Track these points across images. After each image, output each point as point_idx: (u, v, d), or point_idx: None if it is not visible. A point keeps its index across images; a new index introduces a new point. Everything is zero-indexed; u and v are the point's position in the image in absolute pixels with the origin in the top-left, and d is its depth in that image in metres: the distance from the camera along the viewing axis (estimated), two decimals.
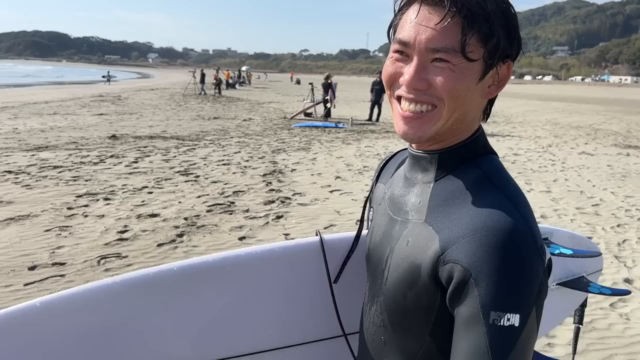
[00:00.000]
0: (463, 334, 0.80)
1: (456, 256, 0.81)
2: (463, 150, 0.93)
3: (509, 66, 0.90)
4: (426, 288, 0.87)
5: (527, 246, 0.80)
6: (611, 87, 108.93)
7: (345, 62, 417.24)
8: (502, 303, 0.77)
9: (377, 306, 1.02)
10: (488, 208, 0.83)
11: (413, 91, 0.86)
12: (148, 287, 1.12)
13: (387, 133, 14.77)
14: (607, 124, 20.63)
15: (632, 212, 6.76)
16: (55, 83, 45.14)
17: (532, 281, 0.79)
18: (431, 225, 0.89)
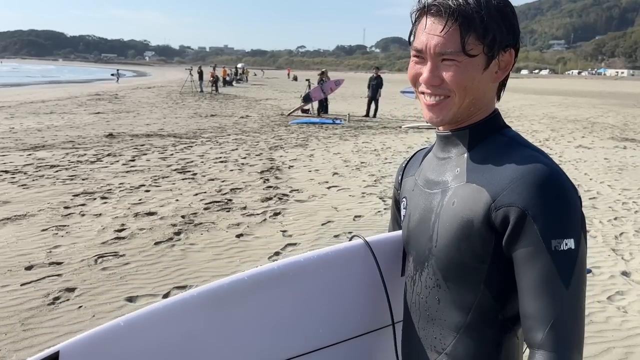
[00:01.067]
0: (529, 265, 0.94)
1: (509, 200, 0.96)
2: (489, 124, 1.09)
3: (510, 53, 1.05)
4: (480, 236, 1.00)
5: (566, 182, 0.96)
6: (608, 81, 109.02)
7: (342, 58, 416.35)
8: (559, 231, 0.92)
9: (428, 269, 1.12)
10: (526, 157, 0.99)
11: (431, 87, 1.04)
12: (223, 298, 1.18)
13: (384, 129, 14.77)
14: (604, 117, 20.65)
15: (629, 205, 6.77)
16: (52, 82, 45.02)
17: (577, 209, 0.95)
18: (474, 182, 1.03)
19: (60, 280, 4.09)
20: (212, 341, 1.17)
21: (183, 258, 4.62)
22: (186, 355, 1.14)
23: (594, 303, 3.92)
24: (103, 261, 4.49)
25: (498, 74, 1.06)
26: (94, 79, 55.11)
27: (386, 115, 18.77)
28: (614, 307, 3.90)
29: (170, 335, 1.12)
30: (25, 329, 3.37)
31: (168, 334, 1.12)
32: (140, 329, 1.08)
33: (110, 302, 3.76)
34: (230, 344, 1.20)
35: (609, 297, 4.06)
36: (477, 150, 1.08)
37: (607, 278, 4.42)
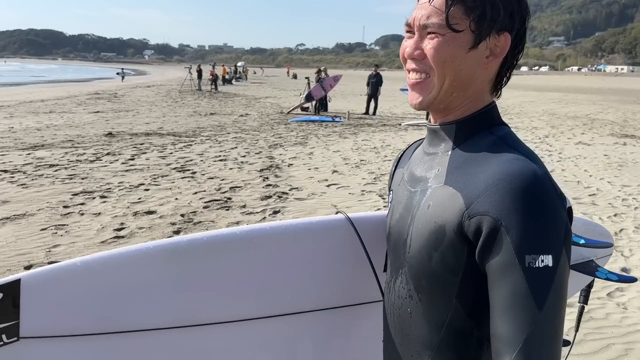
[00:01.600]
0: (500, 282, 0.84)
1: (483, 208, 0.86)
2: (477, 120, 1.00)
3: (505, 38, 0.95)
4: (452, 245, 0.91)
5: (548, 191, 0.86)
6: (607, 77, 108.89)
7: (341, 56, 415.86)
8: (535, 245, 0.82)
9: (402, 277, 1.04)
10: (507, 160, 0.89)
11: (412, 62, 0.98)
12: (180, 254, 1.21)
13: (384, 126, 14.76)
14: (604, 113, 20.63)
15: (629, 202, 6.77)
16: (51, 81, 45.00)
17: (558, 222, 0.85)
18: (451, 185, 0.94)
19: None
20: (165, 293, 1.21)
21: None
22: (140, 301, 1.19)
23: (593, 300, 3.91)
24: None
25: (489, 60, 0.96)
26: (93, 78, 55.38)
27: (386, 113, 18.76)
28: (613, 303, 3.90)
29: (123, 281, 1.17)
30: None
31: (121, 279, 1.17)
32: (96, 271, 1.15)
33: None
34: (183, 299, 1.23)
35: (609, 293, 4.06)
36: (462, 148, 0.99)
37: None
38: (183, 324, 1.24)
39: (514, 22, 0.95)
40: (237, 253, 1.27)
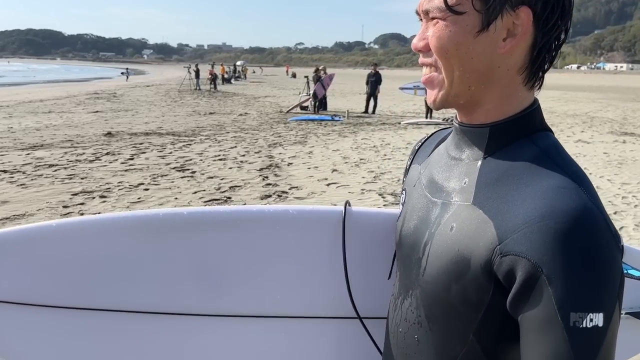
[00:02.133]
0: (537, 339, 0.70)
1: (520, 248, 0.71)
2: (517, 124, 0.83)
3: (525, 13, 0.77)
4: (476, 281, 0.77)
5: (603, 233, 0.71)
6: (607, 75, 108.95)
7: (340, 55, 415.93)
8: (583, 302, 0.68)
9: (411, 300, 0.91)
10: (553, 189, 0.74)
11: (420, 54, 0.86)
12: (157, 226, 1.15)
13: (383, 125, 14.76)
14: (603, 111, 20.64)
15: (629, 199, 6.77)
16: (50, 81, 44.99)
17: (613, 272, 0.70)
18: (481, 208, 0.79)
19: None
20: (143, 271, 1.15)
21: None
22: (113, 270, 1.14)
23: None
24: None
25: (507, 43, 0.78)
26: (92, 78, 55.66)
27: (385, 112, 18.75)
28: None
29: (98, 248, 1.13)
30: None
31: (96, 246, 1.13)
32: (72, 236, 1.11)
33: None
34: (163, 274, 1.16)
35: None
36: (496, 159, 0.82)
37: None
38: (158, 310, 1.17)
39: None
40: (220, 235, 1.17)
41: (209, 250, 1.17)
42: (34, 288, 1.10)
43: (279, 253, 1.20)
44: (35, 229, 1.09)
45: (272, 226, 1.18)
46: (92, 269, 1.12)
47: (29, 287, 1.09)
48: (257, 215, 1.20)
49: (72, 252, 1.11)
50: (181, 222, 1.16)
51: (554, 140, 0.84)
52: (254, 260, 1.18)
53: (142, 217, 1.16)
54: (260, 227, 1.18)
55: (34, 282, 1.09)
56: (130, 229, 1.14)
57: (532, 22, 0.78)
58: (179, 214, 1.16)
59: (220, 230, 1.17)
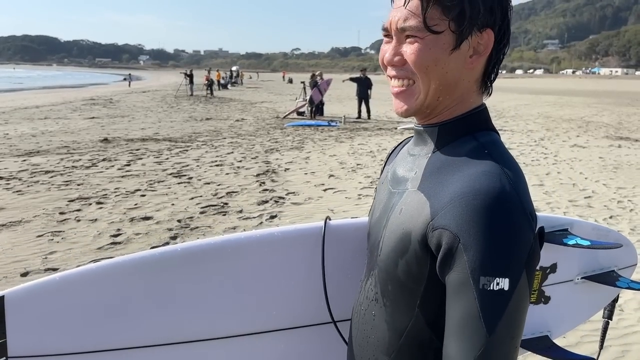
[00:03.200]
0: (454, 300, 0.81)
1: (445, 222, 0.82)
2: (462, 123, 0.95)
3: (489, 34, 0.90)
4: (416, 255, 0.88)
5: (514, 210, 0.81)
6: (602, 80, 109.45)
7: (337, 60, 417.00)
8: (491, 267, 0.78)
9: (372, 279, 1.02)
10: (478, 173, 0.85)
11: (393, 68, 0.94)
12: (155, 266, 1.21)
13: (379, 130, 14.78)
14: (599, 116, 20.72)
15: (624, 204, 6.80)
16: (46, 87, 44.93)
17: (520, 245, 0.80)
18: (423, 192, 0.91)
19: None
20: (144, 309, 1.21)
21: None
22: (116, 316, 1.19)
23: None
24: None
25: (473, 59, 0.91)
26: (88, 84, 55.95)
27: (382, 117, 18.80)
28: None
29: (101, 296, 1.18)
30: None
31: (100, 294, 1.17)
32: (74, 286, 1.15)
33: None
34: (162, 312, 1.23)
35: None
36: (442, 152, 0.95)
37: None
38: (162, 341, 1.24)
39: (495, 16, 0.90)
40: (214, 265, 1.25)
41: (204, 280, 1.25)
42: (46, 339, 1.15)
43: (266, 274, 1.30)
44: (40, 284, 1.13)
45: (258, 250, 1.28)
46: (97, 314, 1.18)
47: (43, 338, 1.14)
48: (244, 242, 1.28)
49: (76, 300, 1.16)
50: (177, 258, 1.22)
51: (495, 137, 0.96)
52: (244, 283, 1.27)
53: (139, 259, 1.21)
54: (249, 253, 1.28)
55: (45, 334, 1.14)
56: (130, 271, 1.20)
57: (493, 42, 0.91)
58: (174, 252, 1.22)
59: (212, 261, 1.25)
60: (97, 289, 1.17)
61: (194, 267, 1.23)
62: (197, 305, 1.25)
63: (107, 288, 1.18)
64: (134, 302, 1.20)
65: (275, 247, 1.29)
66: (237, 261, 1.26)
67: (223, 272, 1.26)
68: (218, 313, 1.27)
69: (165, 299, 1.23)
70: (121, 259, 1.20)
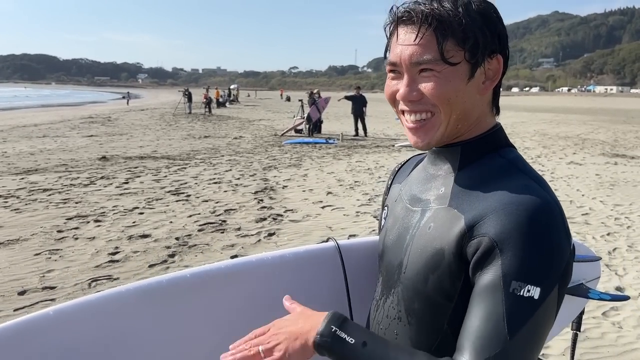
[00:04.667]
0: (481, 298, 0.82)
1: (484, 230, 0.83)
2: (485, 142, 0.97)
3: (498, 60, 0.94)
4: (449, 269, 0.88)
5: (556, 224, 0.82)
6: (597, 97, 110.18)
7: (334, 78, 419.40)
8: (525, 274, 0.79)
9: (393, 297, 1.01)
10: (518, 187, 0.86)
11: (409, 103, 0.94)
12: (161, 295, 1.13)
13: (377, 148, 14.84)
14: (595, 133, 20.84)
15: (622, 221, 6.81)
16: (45, 105, 45.06)
17: (558, 258, 0.81)
18: (456, 208, 0.91)
19: (54, 305, 4.05)
20: (147, 337, 1.12)
21: None
22: (121, 349, 1.09)
23: (589, 319, 3.92)
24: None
25: (486, 85, 0.94)
26: (86, 102, 56.44)
27: (379, 135, 18.88)
28: (609, 322, 3.91)
29: (102, 328, 1.07)
30: None
31: (100, 326, 1.07)
32: (70, 320, 1.05)
33: None
34: (173, 342, 1.14)
35: (604, 312, 4.06)
36: (468, 170, 0.96)
37: None
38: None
39: (502, 42, 0.94)
40: (224, 290, 1.18)
41: (216, 306, 1.18)
42: None
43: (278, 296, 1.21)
44: (32, 319, 1.03)
45: (272, 273, 1.23)
46: (98, 348, 1.08)
47: None
48: (256, 264, 1.23)
49: (74, 335, 1.06)
50: (185, 285, 1.15)
51: (517, 153, 0.98)
52: (258, 308, 1.20)
53: (144, 287, 1.12)
54: (261, 276, 1.22)
55: None
56: (132, 301, 1.11)
57: (502, 66, 0.95)
58: (182, 277, 1.15)
59: (224, 285, 1.19)
60: (97, 322, 1.07)
61: (205, 292, 1.16)
62: (208, 334, 1.17)
63: (108, 320, 1.08)
64: (137, 333, 1.11)
65: (286, 270, 1.23)
66: (248, 284, 1.20)
67: (235, 298, 1.19)
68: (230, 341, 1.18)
69: (175, 327, 1.14)
70: (125, 288, 1.11)
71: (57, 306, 1.06)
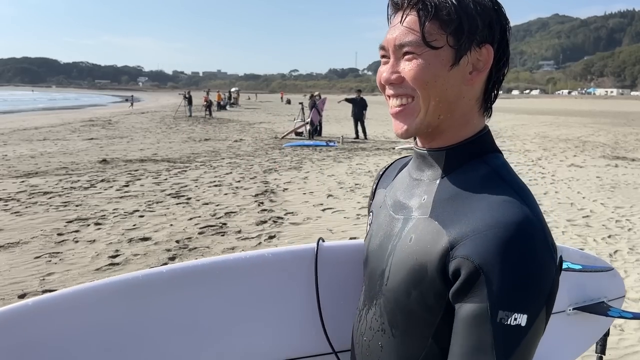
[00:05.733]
0: (467, 329, 0.79)
1: (466, 251, 0.80)
2: (470, 147, 0.93)
3: (488, 50, 0.89)
4: (433, 286, 0.85)
5: (539, 244, 0.80)
6: (597, 100, 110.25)
7: (334, 81, 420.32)
8: (511, 302, 0.77)
9: (376, 309, 0.98)
10: (498, 203, 0.83)
11: (391, 87, 0.92)
12: (137, 289, 1.12)
13: (377, 150, 14.84)
14: (595, 136, 20.83)
15: (623, 223, 6.80)
16: (45, 109, 45.11)
17: (544, 281, 0.79)
18: (437, 220, 0.88)
19: None
20: (126, 330, 1.12)
21: None
22: (96, 342, 1.09)
23: None
24: None
25: (473, 75, 0.89)
26: (87, 105, 56.68)
27: (379, 137, 18.88)
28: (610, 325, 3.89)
29: (78, 321, 1.08)
30: None
31: (76, 320, 1.08)
32: (49, 311, 1.05)
33: None
34: (148, 337, 1.13)
35: None
36: (452, 178, 0.92)
37: None
38: None
39: (494, 32, 0.89)
40: (201, 289, 1.16)
41: (192, 304, 1.16)
42: None
43: (259, 298, 1.21)
44: (12, 310, 1.02)
45: (250, 272, 1.20)
46: (77, 343, 1.08)
47: None
48: (235, 263, 1.20)
49: (54, 329, 1.06)
50: (161, 281, 1.13)
51: (503, 160, 0.94)
52: (236, 308, 1.20)
53: (121, 282, 1.12)
54: (240, 275, 1.20)
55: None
56: (110, 296, 1.11)
57: (492, 58, 0.89)
58: (159, 273, 1.14)
59: (201, 283, 1.17)
60: (76, 316, 1.07)
61: (179, 291, 1.14)
62: (184, 334, 1.15)
63: (86, 315, 1.08)
64: (116, 328, 1.10)
65: (266, 270, 1.21)
66: (226, 285, 1.18)
67: (211, 297, 1.17)
68: (208, 343, 1.17)
69: (150, 326, 1.13)
70: (102, 282, 1.10)
71: (36, 297, 1.06)
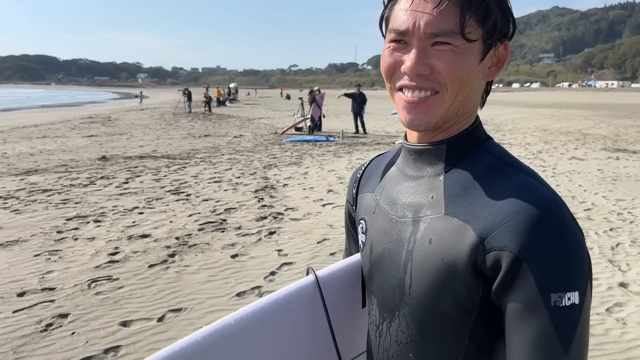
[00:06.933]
0: (523, 323, 0.75)
1: (501, 242, 0.77)
2: (469, 138, 0.90)
3: (506, 46, 0.88)
4: (465, 284, 0.81)
5: (569, 218, 0.78)
6: (598, 92, 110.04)
7: (334, 76, 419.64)
8: (561, 283, 0.74)
9: (400, 320, 0.92)
10: (517, 187, 0.80)
11: (416, 78, 0.83)
12: None
13: (377, 145, 14.80)
14: (596, 128, 20.79)
15: (624, 216, 6.78)
16: (45, 106, 45.08)
17: (583, 253, 0.77)
18: (455, 216, 0.83)
19: (53, 306, 4.03)
20: None
21: (178, 280, 4.57)
22: None
23: (593, 315, 3.89)
24: (97, 285, 4.44)
25: (491, 70, 0.87)
26: (86, 102, 56.63)
27: (379, 132, 18.84)
28: (612, 319, 3.88)
29: None
30: (17, 357, 3.31)
31: None
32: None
33: (104, 327, 3.70)
34: None
35: (608, 309, 4.03)
36: (457, 171, 0.88)
37: (605, 290, 4.40)
38: None
39: (514, 28, 0.88)
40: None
41: None
42: None
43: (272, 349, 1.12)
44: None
45: (254, 330, 1.10)
46: None
47: None
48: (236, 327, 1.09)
49: None
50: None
51: (499, 145, 0.92)
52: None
53: None
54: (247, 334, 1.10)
55: None
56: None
57: (509, 54, 0.88)
58: None
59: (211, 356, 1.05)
60: None
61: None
62: None
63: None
64: None
65: (270, 319, 1.11)
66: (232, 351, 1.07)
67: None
68: None
69: None
70: None
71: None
